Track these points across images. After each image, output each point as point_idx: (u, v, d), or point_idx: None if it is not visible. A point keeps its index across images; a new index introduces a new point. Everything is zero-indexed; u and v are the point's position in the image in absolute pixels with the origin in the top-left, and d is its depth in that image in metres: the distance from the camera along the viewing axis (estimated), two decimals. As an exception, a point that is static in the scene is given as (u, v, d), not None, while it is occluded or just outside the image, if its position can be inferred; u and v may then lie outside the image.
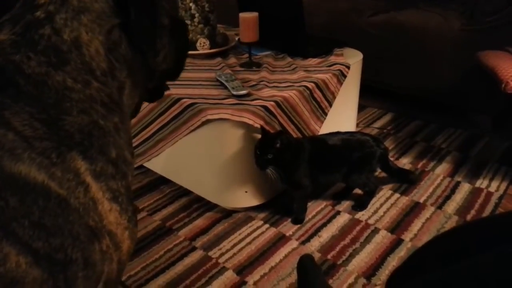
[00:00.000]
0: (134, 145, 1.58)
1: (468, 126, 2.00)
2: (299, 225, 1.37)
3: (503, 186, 1.55)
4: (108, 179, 0.53)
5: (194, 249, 1.28)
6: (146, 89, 0.70)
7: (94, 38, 0.56)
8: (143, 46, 0.62)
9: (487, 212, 1.41)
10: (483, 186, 1.55)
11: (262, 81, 1.46)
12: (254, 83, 1.45)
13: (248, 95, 1.35)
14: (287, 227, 1.36)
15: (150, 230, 1.36)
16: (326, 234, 1.33)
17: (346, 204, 1.47)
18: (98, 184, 0.52)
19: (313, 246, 1.28)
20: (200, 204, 1.48)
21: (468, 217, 1.39)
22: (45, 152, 0.47)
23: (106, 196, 0.53)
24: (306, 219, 1.40)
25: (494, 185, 1.56)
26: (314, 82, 1.45)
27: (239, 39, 1.59)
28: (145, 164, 1.60)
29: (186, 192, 1.54)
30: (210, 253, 1.26)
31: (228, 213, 1.44)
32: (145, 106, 1.45)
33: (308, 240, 1.31)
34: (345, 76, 1.58)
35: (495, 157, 1.74)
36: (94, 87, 0.55)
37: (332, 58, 1.65)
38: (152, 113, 1.45)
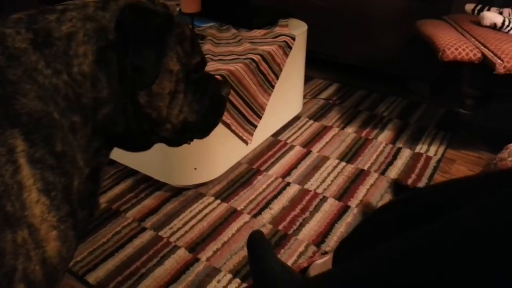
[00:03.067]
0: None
1: (408, 94, 2.09)
2: (250, 199, 1.38)
3: (441, 150, 1.64)
4: (45, 169, 0.50)
5: (143, 230, 1.25)
6: (142, 131, 0.67)
7: (88, 43, 0.57)
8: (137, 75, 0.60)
9: (426, 175, 1.49)
10: (423, 151, 1.64)
11: (206, 54, 1.41)
12: (199, 56, 1.40)
13: (192, 69, 1.30)
14: (238, 202, 1.37)
15: (96, 214, 1.31)
16: (277, 206, 1.35)
17: (296, 175, 1.49)
18: (32, 170, 0.48)
19: (265, 219, 1.30)
20: (148, 184, 1.44)
21: (409, 181, 1.46)
22: None
23: (37, 185, 0.49)
24: (257, 192, 1.41)
25: (432, 149, 1.65)
26: (260, 55, 1.43)
27: (180, 9, 1.52)
28: (87, 145, 1.52)
29: (132, 172, 1.48)
30: (160, 233, 1.24)
31: (177, 191, 1.41)
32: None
33: (259, 213, 1.32)
34: (290, 48, 1.57)
35: (433, 123, 1.84)
36: (64, 79, 0.55)
37: (277, 29, 1.63)
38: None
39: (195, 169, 1.36)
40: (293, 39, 1.58)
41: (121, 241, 1.20)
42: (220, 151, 1.40)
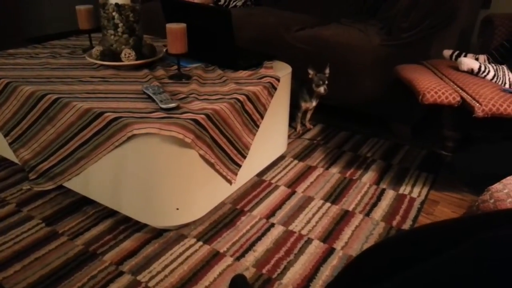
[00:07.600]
0: (52, 163, 1.45)
1: (389, 136, 2.12)
2: (233, 241, 1.34)
3: (424, 191, 1.65)
4: None
5: (121, 274, 1.19)
6: None
7: None
8: None
9: (411, 216, 1.49)
10: (406, 192, 1.64)
11: (192, 93, 1.42)
12: (184, 95, 1.40)
13: (177, 108, 1.30)
14: (221, 243, 1.32)
15: (71, 256, 1.25)
16: (260, 248, 1.31)
17: (280, 216, 1.47)
18: None
19: (248, 262, 1.25)
20: (127, 225, 1.39)
21: (394, 223, 1.45)
22: None
23: None
24: (240, 233, 1.37)
25: (416, 190, 1.65)
26: (245, 95, 1.44)
27: (167, 50, 1.54)
28: (65, 184, 1.47)
29: (112, 212, 1.44)
30: (139, 277, 1.18)
31: (158, 232, 1.36)
32: (65, 121, 1.34)
33: (242, 255, 1.28)
34: (275, 89, 1.60)
35: (416, 164, 1.86)
36: None
37: (262, 71, 1.66)
38: (71, 128, 1.34)
39: (177, 209, 1.32)
40: (278, 80, 1.61)
41: (96, 286, 1.14)
42: (203, 191, 1.38)
